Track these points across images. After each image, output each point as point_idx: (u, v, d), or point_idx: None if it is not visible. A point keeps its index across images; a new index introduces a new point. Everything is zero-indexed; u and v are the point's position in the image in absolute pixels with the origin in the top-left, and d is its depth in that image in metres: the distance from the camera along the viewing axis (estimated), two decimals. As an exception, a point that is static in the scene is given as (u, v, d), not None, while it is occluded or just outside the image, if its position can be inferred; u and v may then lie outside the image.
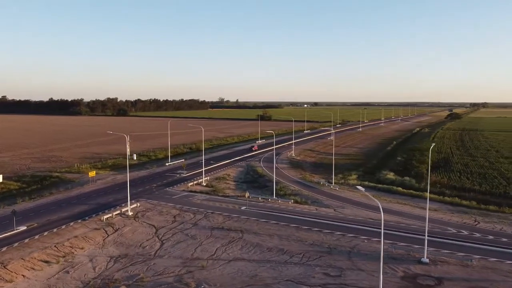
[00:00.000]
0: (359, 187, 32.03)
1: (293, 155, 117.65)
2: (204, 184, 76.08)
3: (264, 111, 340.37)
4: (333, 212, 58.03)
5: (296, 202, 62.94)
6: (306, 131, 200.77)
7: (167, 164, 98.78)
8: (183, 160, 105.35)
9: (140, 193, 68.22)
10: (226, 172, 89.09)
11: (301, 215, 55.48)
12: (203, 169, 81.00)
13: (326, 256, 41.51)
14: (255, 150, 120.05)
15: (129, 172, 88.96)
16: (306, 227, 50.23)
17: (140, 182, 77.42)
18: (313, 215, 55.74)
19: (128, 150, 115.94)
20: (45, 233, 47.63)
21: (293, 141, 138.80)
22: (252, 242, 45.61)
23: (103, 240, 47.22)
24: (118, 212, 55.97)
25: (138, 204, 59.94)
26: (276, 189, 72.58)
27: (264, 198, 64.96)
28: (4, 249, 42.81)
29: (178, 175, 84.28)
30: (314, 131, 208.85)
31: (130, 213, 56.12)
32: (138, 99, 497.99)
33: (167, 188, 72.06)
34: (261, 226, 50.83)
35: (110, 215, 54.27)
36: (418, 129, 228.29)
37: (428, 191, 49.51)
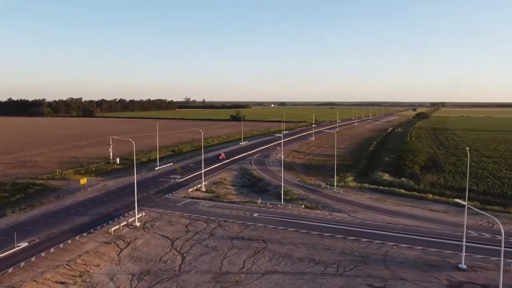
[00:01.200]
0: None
1: (282, 156, 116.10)
2: (204, 190, 73.10)
3: (236, 111, 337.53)
4: (348, 217, 56.81)
5: (307, 207, 61.24)
6: (285, 132, 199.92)
7: (156, 168, 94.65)
8: (172, 163, 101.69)
9: (140, 201, 64.28)
10: (221, 176, 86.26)
11: (318, 221, 53.85)
12: (203, 173, 78.03)
13: (362, 266, 40.02)
14: (223, 159, 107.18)
15: (117, 177, 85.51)
16: (328, 234, 48.65)
17: (132, 191, 73.11)
18: (330, 221, 54.26)
19: (111, 153, 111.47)
20: (52, 250, 43.46)
21: (282, 142, 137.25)
22: (279, 253, 43.47)
23: (117, 255, 43.63)
24: (124, 223, 52.24)
25: (143, 214, 56.34)
26: (280, 193, 70.89)
27: (272, 204, 62.92)
28: (10, 270, 38.50)
29: (172, 180, 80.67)
30: (292, 131, 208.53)
31: (138, 224, 52.57)
32: (103, 99, 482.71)
33: (167, 195, 68.55)
34: (282, 235, 48.76)
35: (117, 226, 50.53)
36: (391, 128, 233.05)
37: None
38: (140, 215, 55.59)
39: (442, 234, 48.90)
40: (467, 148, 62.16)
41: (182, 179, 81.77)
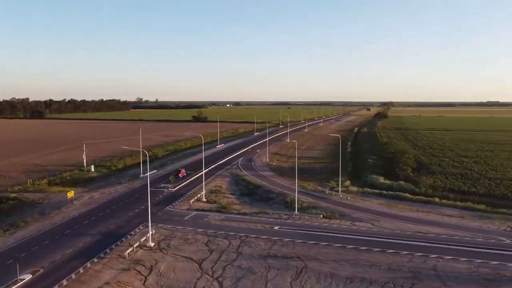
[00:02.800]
0: None
1: (267, 160, 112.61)
2: (205, 200, 67.94)
3: (198, 111, 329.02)
4: (372, 226, 54.24)
5: (325, 217, 58.03)
6: (256, 133, 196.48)
7: (141, 176, 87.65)
8: (156, 170, 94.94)
9: (140, 215, 58.19)
10: (216, 184, 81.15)
11: (344, 233, 50.74)
12: (193, 180, 72.72)
13: (418, 283, 37.28)
14: (183, 176, 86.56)
15: (100, 187, 77.88)
16: (365, 248, 45.64)
17: (128, 201, 66.65)
18: (357, 232, 51.30)
19: (84, 160, 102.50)
20: (65, 282, 37.05)
21: (267, 145, 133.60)
22: (324, 272, 39.82)
23: (143, 284, 38.07)
24: (137, 243, 46.34)
25: (153, 232, 50.52)
26: (287, 201, 67.48)
27: (287, 215, 59.13)
28: (23, 312, 32.01)
29: (166, 190, 74.62)
30: (263, 132, 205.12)
31: (152, 244, 46.86)
32: (51, 100, 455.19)
33: (168, 208, 62.75)
34: (316, 251, 45.14)
35: (130, 249, 44.57)
36: (356, 129, 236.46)
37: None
38: (150, 233, 49.78)
39: (477, 243, 47.41)
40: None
41: (175, 188, 75.87)
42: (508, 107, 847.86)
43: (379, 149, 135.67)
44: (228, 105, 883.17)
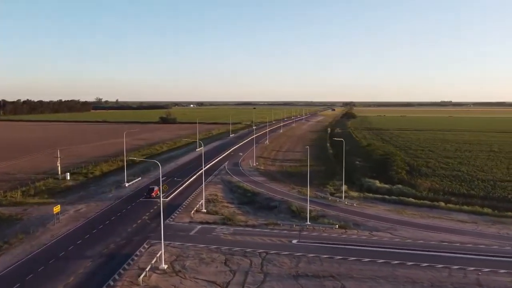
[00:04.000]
0: None
1: (255, 164, 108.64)
2: (205, 211, 63.07)
3: (166, 112, 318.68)
4: (392, 236, 51.59)
5: (341, 227, 54.83)
6: (231, 135, 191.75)
7: (126, 185, 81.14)
8: (140, 178, 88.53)
9: (140, 231, 52.69)
10: (209, 191, 76.16)
11: (367, 245, 47.78)
12: (182, 187, 67.64)
13: (469, 302, 34.75)
14: (156, 195, 69.28)
15: (84, 199, 70.82)
16: (397, 262, 42.72)
17: (121, 215, 60.63)
18: (380, 244, 48.45)
19: (59, 167, 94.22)
20: (77, 321, 31.53)
21: (254, 148, 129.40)
22: (365, 293, 36.52)
23: (168, 317, 33.16)
24: (148, 266, 41.09)
25: (162, 251, 45.34)
26: (293, 210, 63.93)
27: (299, 225, 55.45)
28: None
29: (159, 200, 68.61)
30: (237, 134, 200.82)
31: (165, 266, 41.78)
32: (4, 100, 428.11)
33: (168, 221, 57.37)
34: (347, 267, 41.73)
35: (143, 274, 39.30)
36: (329, 129, 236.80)
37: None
38: (159, 253, 44.61)
39: (508, 252, 45.77)
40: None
41: (169, 198, 70.34)
42: (461, 106, 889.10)
43: (362, 151, 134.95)
44: (191, 106, 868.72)
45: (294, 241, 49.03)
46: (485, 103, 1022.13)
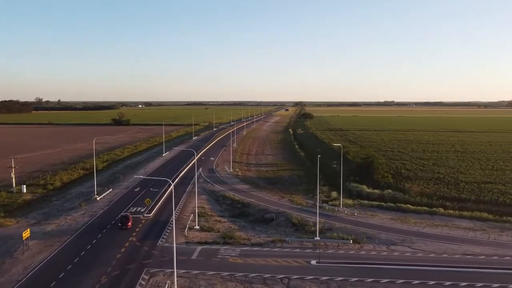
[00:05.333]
0: None
1: (231, 170, 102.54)
2: (198, 227, 56.43)
3: (119, 114, 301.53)
4: (412, 250, 48.05)
5: (355, 242, 50.54)
6: (194, 138, 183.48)
7: (97, 198, 72.11)
8: (111, 189, 79.47)
9: (131, 258, 45.18)
10: (194, 204, 69.35)
11: (393, 262, 43.79)
12: (196, 201, 59.89)
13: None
14: (130, 227, 55.51)
15: (51, 217, 61.35)
16: (433, 282, 38.93)
17: (102, 237, 52.42)
18: (405, 260, 44.63)
19: (13, 180, 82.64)
20: None
21: (231, 151, 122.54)
22: (418, 325, 32.22)
23: None
24: (159, 306, 34.29)
25: (168, 283, 38.53)
26: (295, 223, 58.97)
27: (309, 241, 50.60)
28: None
29: (141, 217, 61.04)
30: (201, 136, 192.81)
31: (178, 304, 35.15)
32: None
33: (161, 242, 50.31)
34: (384, 292, 37.41)
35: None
36: (291, 130, 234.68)
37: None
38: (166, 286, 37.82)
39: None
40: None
41: (152, 214, 62.65)
42: (404, 106, 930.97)
43: (336, 153, 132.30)
44: (140, 106, 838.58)
45: (313, 262, 43.98)
46: (425, 102, 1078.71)
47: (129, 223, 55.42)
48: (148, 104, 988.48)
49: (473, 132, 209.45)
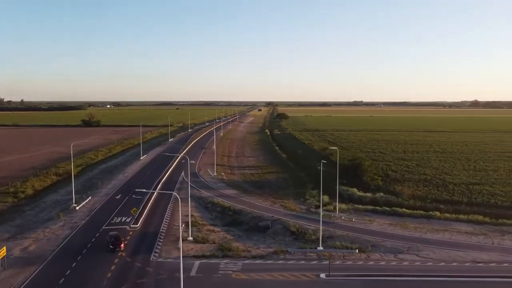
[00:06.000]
0: None
1: (215, 174, 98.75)
2: (192, 239, 52.69)
3: (89, 114, 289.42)
4: (420, 258, 46.23)
5: (361, 251, 48.18)
6: (171, 139, 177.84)
7: (77, 207, 66.80)
8: (90, 197, 74.13)
9: (124, 278, 40.99)
10: (182, 212, 65.31)
11: (406, 273, 41.76)
12: (185, 210, 56.20)
13: None
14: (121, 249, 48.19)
15: (24, 230, 55.58)
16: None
17: (88, 252, 47.80)
18: (416, 270, 42.79)
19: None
20: None
21: (215, 154, 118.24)
22: None
23: None
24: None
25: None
26: (293, 231, 56.16)
27: (313, 252, 47.91)
28: None
29: (128, 228, 56.67)
30: (177, 138, 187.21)
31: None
32: None
33: (153, 257, 46.32)
34: (404, 307, 35.11)
35: None
36: (268, 131, 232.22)
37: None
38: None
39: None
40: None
41: (139, 224, 58.28)
42: (373, 106, 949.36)
43: (317, 155, 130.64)
44: (108, 106, 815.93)
45: (323, 275, 41.23)
46: (392, 102, 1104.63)
47: (122, 245, 48.06)
48: (116, 104, 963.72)
49: (445, 132, 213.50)
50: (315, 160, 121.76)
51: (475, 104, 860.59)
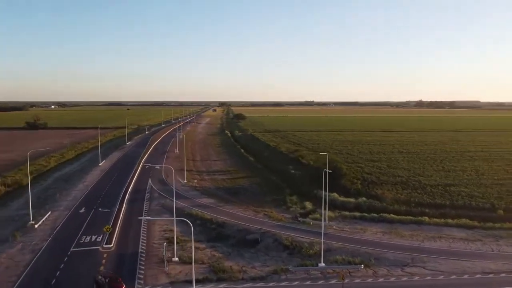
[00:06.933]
0: None
1: (185, 181, 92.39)
2: (177, 259, 46.91)
3: (34, 116, 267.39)
4: (429, 272, 43.59)
5: (366, 266, 44.77)
6: (128, 143, 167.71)
7: (35, 225, 58.48)
8: (50, 212, 65.61)
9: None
10: (160, 227, 59.21)
11: (420, 291, 38.85)
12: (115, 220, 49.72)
13: None
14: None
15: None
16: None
17: (58, 283, 40.79)
18: (430, 286, 39.94)
19: None
20: None
21: (184, 159, 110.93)
22: None
23: None
24: None
25: None
26: (286, 245, 51.82)
27: (316, 270, 43.88)
28: None
29: (100, 249, 49.77)
30: (134, 141, 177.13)
31: None
32: None
33: (138, 286, 40.12)
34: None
35: None
36: (229, 133, 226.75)
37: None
38: None
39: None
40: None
41: (113, 245, 51.46)
42: (325, 106, 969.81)
43: (285, 157, 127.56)
44: (53, 107, 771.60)
45: (334, 298, 37.33)
46: (342, 102, 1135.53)
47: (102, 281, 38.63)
48: (62, 104, 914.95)
49: (403, 131, 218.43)
50: (285, 163, 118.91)
51: (420, 104, 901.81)
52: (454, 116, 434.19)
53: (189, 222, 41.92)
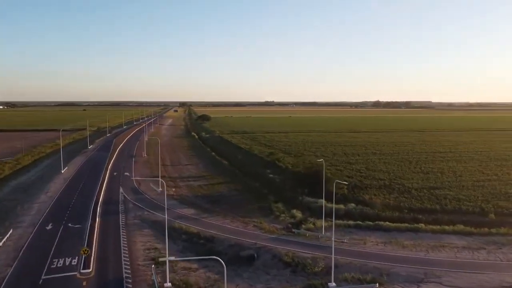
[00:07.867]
0: None
1: (161, 189, 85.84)
2: (170, 285, 41.30)
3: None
4: (447, 287, 40.75)
5: (380, 284, 41.24)
6: (90, 146, 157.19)
7: (7, 243, 50.65)
8: (10, 231, 57.56)
9: None
10: (142, 243, 53.14)
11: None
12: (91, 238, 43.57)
13: None
14: None
15: None
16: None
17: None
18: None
19: None
20: None
21: (159, 166, 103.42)
22: None
23: None
24: None
25: None
26: (288, 261, 47.49)
27: (327, 291, 39.88)
28: None
29: (77, 275, 43.19)
30: (96, 144, 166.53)
31: None
32: None
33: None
34: None
35: None
36: (196, 134, 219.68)
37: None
38: None
39: None
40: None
41: (93, 269, 44.97)
42: (285, 106, 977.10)
43: (260, 160, 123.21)
44: (0, 107, 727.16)
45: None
46: (302, 103, 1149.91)
47: None
48: (11, 104, 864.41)
49: (370, 132, 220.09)
50: (261, 167, 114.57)
51: (377, 104, 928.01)
52: (411, 116, 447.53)
53: (222, 261, 35.79)
